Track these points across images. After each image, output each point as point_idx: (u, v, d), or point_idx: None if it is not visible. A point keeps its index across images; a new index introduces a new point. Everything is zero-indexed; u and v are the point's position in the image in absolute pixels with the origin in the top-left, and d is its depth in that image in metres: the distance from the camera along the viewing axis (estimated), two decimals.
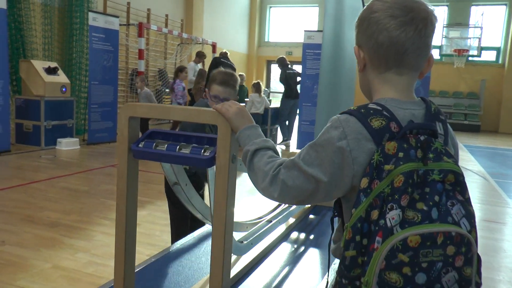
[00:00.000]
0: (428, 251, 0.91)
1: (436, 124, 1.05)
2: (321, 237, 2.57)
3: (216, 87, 2.52)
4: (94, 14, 8.34)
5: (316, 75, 8.38)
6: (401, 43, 1.02)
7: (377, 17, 1.05)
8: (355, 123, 1.01)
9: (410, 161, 0.94)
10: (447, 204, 0.95)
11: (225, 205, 1.29)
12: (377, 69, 1.09)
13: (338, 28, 3.93)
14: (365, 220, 0.94)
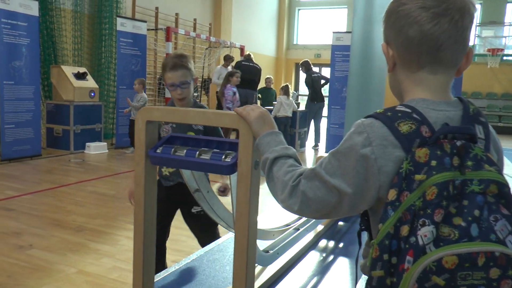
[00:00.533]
0: (468, 274, 0.78)
1: (475, 127, 0.92)
2: (351, 245, 2.46)
3: (168, 74, 2.32)
4: (122, 19, 8.41)
5: (345, 77, 8.23)
6: (434, 37, 0.90)
7: (406, 9, 0.92)
8: (380, 127, 0.89)
9: (444, 170, 0.81)
10: (490, 219, 0.80)
11: (247, 214, 1.20)
12: (408, 68, 0.96)
13: (367, 27, 3.81)
14: (394, 236, 0.83)
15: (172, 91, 2.34)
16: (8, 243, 3.54)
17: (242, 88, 8.19)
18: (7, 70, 6.48)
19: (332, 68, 8.54)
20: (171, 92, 2.35)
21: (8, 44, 6.45)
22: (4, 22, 6.40)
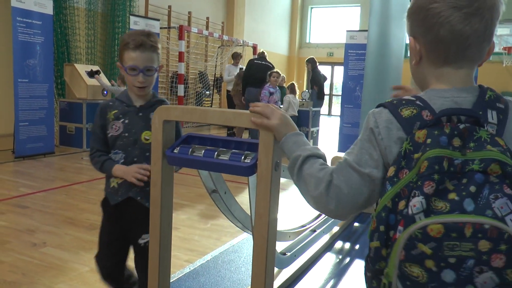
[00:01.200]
0: (455, 244, 0.79)
1: (487, 112, 0.92)
2: (367, 247, 2.42)
3: (131, 54, 1.79)
4: (136, 17, 8.42)
5: (358, 76, 8.17)
6: (464, 37, 0.92)
7: (438, 8, 0.93)
8: (386, 113, 0.96)
9: (438, 147, 0.85)
10: (489, 198, 0.80)
11: (267, 216, 1.17)
12: (434, 63, 0.98)
13: (384, 25, 3.76)
14: (392, 211, 0.87)
15: (130, 76, 1.82)
16: (23, 241, 3.54)
17: (254, 86, 8.13)
18: (22, 68, 6.51)
19: (345, 67, 8.48)
20: (129, 77, 1.83)
21: (22, 43, 6.48)
22: (19, 20, 6.43)
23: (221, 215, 4.21)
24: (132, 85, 1.84)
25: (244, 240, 2.34)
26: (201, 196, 5.03)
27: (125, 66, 1.82)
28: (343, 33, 8.65)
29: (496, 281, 0.79)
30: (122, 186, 1.89)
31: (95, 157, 1.88)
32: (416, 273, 0.82)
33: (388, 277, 0.86)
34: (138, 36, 1.82)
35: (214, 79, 12.61)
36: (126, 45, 1.82)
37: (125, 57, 1.82)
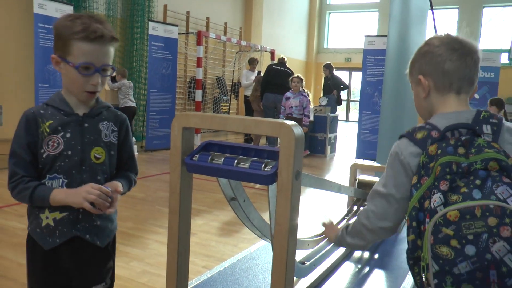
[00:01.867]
0: (470, 224, 1.02)
1: (482, 126, 1.19)
2: (386, 257, 2.37)
3: (84, 46, 1.36)
4: (154, 23, 8.48)
5: (377, 81, 8.11)
6: (462, 70, 1.25)
7: (440, 50, 1.27)
8: (406, 142, 1.25)
9: (447, 154, 1.11)
10: (492, 187, 1.05)
11: (287, 226, 1.15)
12: (441, 92, 1.29)
13: (403, 30, 3.72)
14: (419, 209, 1.13)
15: (81, 76, 1.39)
16: None
17: (272, 92, 8.10)
18: (42, 73, 6.61)
19: (363, 73, 8.43)
20: (79, 78, 1.39)
21: (43, 48, 6.58)
22: (40, 26, 6.53)
23: (237, 221, 4.21)
24: (82, 88, 1.40)
25: (262, 247, 2.32)
26: (218, 201, 5.03)
27: (73, 62, 1.36)
28: (361, 38, 8.60)
29: (508, 248, 1.00)
30: (62, 222, 1.44)
31: (19, 183, 1.38)
32: (445, 252, 1.04)
33: (425, 260, 1.08)
34: (92, 23, 1.37)
35: (231, 85, 12.64)
36: (76, 33, 1.35)
37: (74, 50, 1.36)
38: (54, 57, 1.42)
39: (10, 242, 3.55)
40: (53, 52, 1.41)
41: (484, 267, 1.01)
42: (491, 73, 8.42)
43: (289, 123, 1.13)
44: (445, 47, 1.27)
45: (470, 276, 1.02)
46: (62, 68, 1.42)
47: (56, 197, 1.39)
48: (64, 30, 1.38)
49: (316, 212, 3.15)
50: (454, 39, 1.29)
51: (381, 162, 3.75)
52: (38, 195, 1.39)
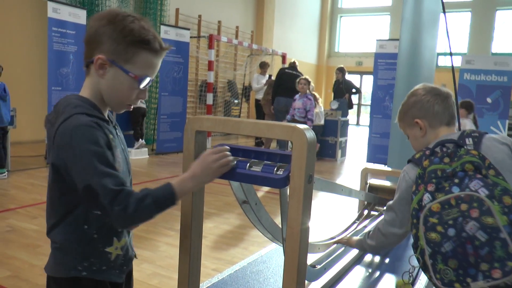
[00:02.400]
0: (449, 212, 1.32)
1: (465, 140, 1.55)
2: (397, 261, 2.36)
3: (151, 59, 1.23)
4: (166, 27, 8.54)
5: (388, 85, 8.08)
6: (448, 107, 1.68)
7: (427, 97, 1.67)
8: (410, 166, 1.60)
9: (433, 164, 1.44)
10: (467, 183, 1.34)
11: (299, 229, 1.15)
12: (434, 128, 1.67)
13: (415, 34, 3.71)
14: (418, 210, 1.41)
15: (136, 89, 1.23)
16: None
17: (283, 96, 8.10)
18: (56, 77, 6.68)
19: (374, 76, 8.40)
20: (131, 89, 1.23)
21: (57, 52, 6.66)
22: (54, 30, 6.61)
23: (248, 224, 4.21)
24: (128, 101, 1.25)
25: (273, 250, 2.32)
26: (228, 204, 5.04)
27: (134, 73, 1.20)
28: (372, 42, 8.59)
29: (477, 225, 1.27)
30: (126, 246, 1.30)
31: (128, 198, 1.09)
32: (434, 236, 1.33)
33: (421, 246, 1.37)
34: (154, 31, 1.25)
35: (242, 88, 12.67)
36: (145, 42, 1.20)
37: (138, 60, 1.20)
38: (103, 59, 1.18)
39: (23, 243, 3.59)
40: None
41: (462, 244, 1.28)
42: (504, 77, 8.34)
43: (302, 127, 1.13)
44: (430, 95, 1.66)
45: (453, 252, 1.29)
46: (109, 73, 1.20)
47: (183, 189, 1.18)
48: (129, 35, 1.19)
49: (328, 216, 3.15)
50: (433, 87, 1.70)
51: (392, 166, 3.74)
52: (164, 198, 1.15)
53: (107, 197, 1.07)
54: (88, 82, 1.24)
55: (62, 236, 1.20)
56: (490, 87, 8.38)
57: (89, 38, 1.22)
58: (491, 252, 1.26)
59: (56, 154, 1.14)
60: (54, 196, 1.21)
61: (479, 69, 8.45)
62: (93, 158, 1.09)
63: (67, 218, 1.19)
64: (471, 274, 1.29)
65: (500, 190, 1.32)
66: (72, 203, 1.18)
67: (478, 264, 1.27)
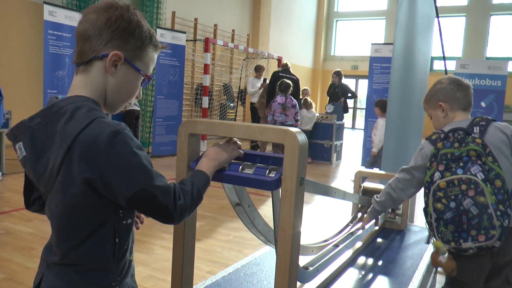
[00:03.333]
0: (452, 189, 1.77)
1: (473, 128, 1.92)
2: (390, 264, 2.38)
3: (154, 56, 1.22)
4: (162, 30, 8.55)
5: (383, 89, 8.12)
6: (468, 95, 2.06)
7: (450, 86, 2.06)
8: (427, 142, 2.01)
9: (445, 148, 1.85)
10: (469, 167, 1.76)
11: (290, 231, 1.17)
12: (453, 111, 2.05)
13: (409, 38, 3.73)
14: (430, 183, 1.86)
15: (139, 87, 1.20)
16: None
17: None
18: (51, 79, 6.68)
19: (369, 80, 8.44)
20: (136, 88, 1.19)
21: (52, 55, 6.66)
22: (50, 33, 6.61)
23: (243, 227, 4.22)
24: (131, 99, 1.22)
25: (267, 253, 2.34)
26: (223, 207, 5.05)
27: (144, 70, 1.17)
28: (368, 46, 8.62)
29: (472, 202, 1.72)
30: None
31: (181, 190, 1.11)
32: (439, 206, 1.80)
33: (429, 210, 1.84)
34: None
35: (238, 91, 12.69)
36: (152, 39, 1.17)
37: (146, 57, 1.17)
38: (119, 56, 1.10)
39: (18, 245, 3.59)
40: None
41: (459, 214, 1.75)
42: (498, 81, 8.40)
43: (294, 130, 1.15)
44: (453, 84, 2.04)
45: (452, 220, 1.77)
46: (120, 70, 1.12)
47: (210, 170, 1.23)
48: (144, 31, 1.15)
49: (322, 219, 3.17)
50: (456, 78, 2.07)
51: (386, 170, 3.76)
52: (205, 182, 1.19)
53: (167, 195, 1.05)
54: (88, 80, 1.11)
55: (92, 256, 1.08)
56: (484, 91, 8.43)
57: (95, 31, 1.09)
58: (479, 222, 1.71)
59: (86, 166, 1.00)
60: (80, 214, 1.05)
61: (473, 73, 8.50)
62: (142, 161, 1.03)
63: (95, 235, 1.07)
64: (463, 237, 1.75)
65: (494, 175, 1.74)
66: (103, 218, 1.07)
67: (469, 230, 1.73)
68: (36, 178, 1.08)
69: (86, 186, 1.01)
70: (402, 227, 3.00)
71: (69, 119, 1.04)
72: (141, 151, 1.05)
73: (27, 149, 1.07)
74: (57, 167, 1.02)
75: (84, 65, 1.11)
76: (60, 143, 1.02)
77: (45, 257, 1.14)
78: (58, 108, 1.07)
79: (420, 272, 2.27)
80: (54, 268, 1.10)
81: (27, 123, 1.09)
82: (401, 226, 3.00)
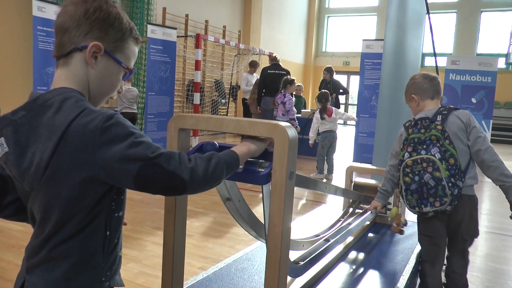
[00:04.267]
0: (416, 166, 2.22)
1: (437, 116, 2.30)
2: (381, 258, 2.40)
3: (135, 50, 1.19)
4: (153, 26, 8.51)
5: (374, 85, 8.14)
6: (434, 85, 2.42)
7: (419, 79, 2.45)
8: (403, 128, 2.41)
9: (413, 133, 2.29)
10: (431, 148, 2.20)
11: (280, 225, 1.17)
12: (423, 100, 2.42)
13: (400, 34, 3.74)
14: (402, 161, 2.30)
15: (120, 80, 1.18)
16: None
17: (270, 95, 8.13)
18: (41, 76, 6.63)
19: (361, 76, 8.46)
20: (118, 81, 1.17)
21: (42, 51, 6.60)
22: (39, 29, 6.55)
23: (235, 223, 4.22)
24: (113, 93, 1.19)
25: (258, 248, 2.34)
26: (215, 203, 5.05)
27: (125, 63, 1.15)
28: (359, 42, 8.63)
29: (430, 176, 2.16)
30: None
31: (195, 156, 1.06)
32: (407, 179, 2.25)
33: (400, 183, 2.31)
34: None
35: (230, 88, 12.67)
36: (132, 31, 1.15)
37: (126, 50, 1.15)
38: (99, 47, 1.08)
39: (8, 243, 3.56)
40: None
41: (421, 186, 2.21)
42: (488, 78, 8.46)
43: (283, 125, 1.15)
44: (421, 78, 2.43)
45: (416, 190, 2.23)
46: (100, 63, 1.10)
47: (242, 151, 1.17)
48: (124, 23, 1.13)
49: (313, 214, 3.18)
50: (425, 73, 2.46)
51: (377, 164, 3.77)
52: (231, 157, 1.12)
53: (172, 160, 0.99)
54: (70, 73, 1.09)
55: (81, 248, 1.05)
56: (475, 87, 8.49)
57: (74, 23, 1.07)
58: (435, 192, 2.17)
59: (83, 157, 0.98)
60: (76, 207, 1.02)
61: (464, 70, 8.55)
62: (140, 138, 1.00)
63: (87, 228, 1.04)
64: (424, 203, 2.22)
65: (449, 155, 2.17)
66: (98, 210, 1.05)
67: (428, 198, 2.20)
68: (20, 175, 1.03)
69: (83, 178, 0.99)
70: None
71: (58, 110, 1.01)
72: (136, 130, 1.02)
73: (10, 144, 1.03)
74: (46, 160, 0.99)
75: (64, 57, 1.09)
76: (48, 136, 0.99)
77: (28, 259, 1.10)
78: (44, 100, 1.04)
79: (410, 266, 2.29)
80: (37, 270, 1.07)
81: (9, 117, 1.05)
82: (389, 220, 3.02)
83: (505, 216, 5.36)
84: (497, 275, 3.46)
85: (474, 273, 3.44)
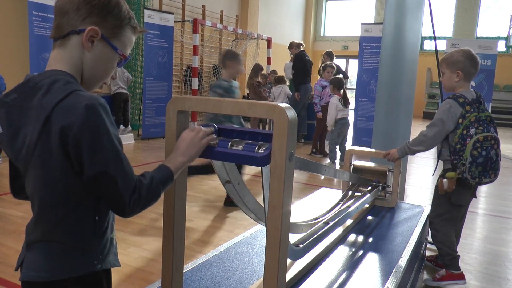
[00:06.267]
0: (485, 142, 2.54)
1: (480, 99, 2.67)
2: (380, 240, 2.40)
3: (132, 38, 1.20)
4: (150, 11, 8.44)
5: (373, 69, 8.10)
6: (475, 70, 2.73)
7: (471, 62, 2.71)
8: (453, 102, 2.65)
9: (474, 112, 2.60)
10: (491, 127, 2.60)
11: (280, 207, 1.17)
12: (465, 80, 2.72)
13: (399, 17, 3.71)
14: (466, 135, 2.56)
15: (115, 66, 1.19)
16: None
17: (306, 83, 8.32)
18: (38, 62, 6.59)
19: (360, 60, 8.41)
20: (113, 67, 1.19)
21: (38, 36, 6.55)
22: (35, 14, 6.50)
23: (234, 208, 4.24)
24: (108, 78, 1.20)
25: (257, 231, 2.34)
26: (214, 188, 5.06)
27: (122, 50, 1.16)
28: (358, 26, 8.56)
29: (496, 153, 2.61)
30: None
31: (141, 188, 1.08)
32: (475, 153, 2.54)
33: (465, 156, 2.56)
34: None
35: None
36: (130, 20, 1.17)
37: (123, 37, 1.16)
38: (96, 31, 1.10)
39: (9, 229, 3.57)
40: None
41: (486, 160, 2.54)
42: (488, 61, 8.41)
43: (282, 106, 1.14)
44: (473, 61, 2.70)
45: (482, 164, 2.54)
46: (96, 47, 1.11)
47: (177, 165, 1.20)
48: (123, 11, 1.15)
49: (312, 198, 3.18)
50: (474, 56, 2.72)
51: (376, 147, 3.77)
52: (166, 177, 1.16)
53: (128, 186, 1.03)
54: (65, 55, 1.10)
55: (72, 233, 1.07)
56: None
57: (73, 6, 1.08)
58: (495, 166, 2.58)
59: (64, 136, 0.98)
60: (60, 189, 1.04)
61: None
62: (114, 142, 1.02)
63: (75, 212, 1.06)
64: (485, 175, 2.56)
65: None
66: (83, 193, 1.05)
67: (489, 171, 2.56)
68: (14, 156, 1.07)
69: (64, 157, 1.00)
70: (392, 205, 3.03)
71: (46, 92, 1.02)
72: (114, 130, 1.03)
73: (4, 125, 1.06)
74: (34, 141, 1.01)
75: (61, 39, 1.10)
76: (36, 117, 1.01)
77: (26, 236, 1.14)
78: (34, 83, 1.06)
79: (409, 248, 2.30)
80: (35, 247, 1.10)
81: (2, 99, 1.07)
82: (391, 204, 3.03)
83: (504, 199, 5.39)
84: (494, 256, 3.48)
85: (473, 255, 3.46)
